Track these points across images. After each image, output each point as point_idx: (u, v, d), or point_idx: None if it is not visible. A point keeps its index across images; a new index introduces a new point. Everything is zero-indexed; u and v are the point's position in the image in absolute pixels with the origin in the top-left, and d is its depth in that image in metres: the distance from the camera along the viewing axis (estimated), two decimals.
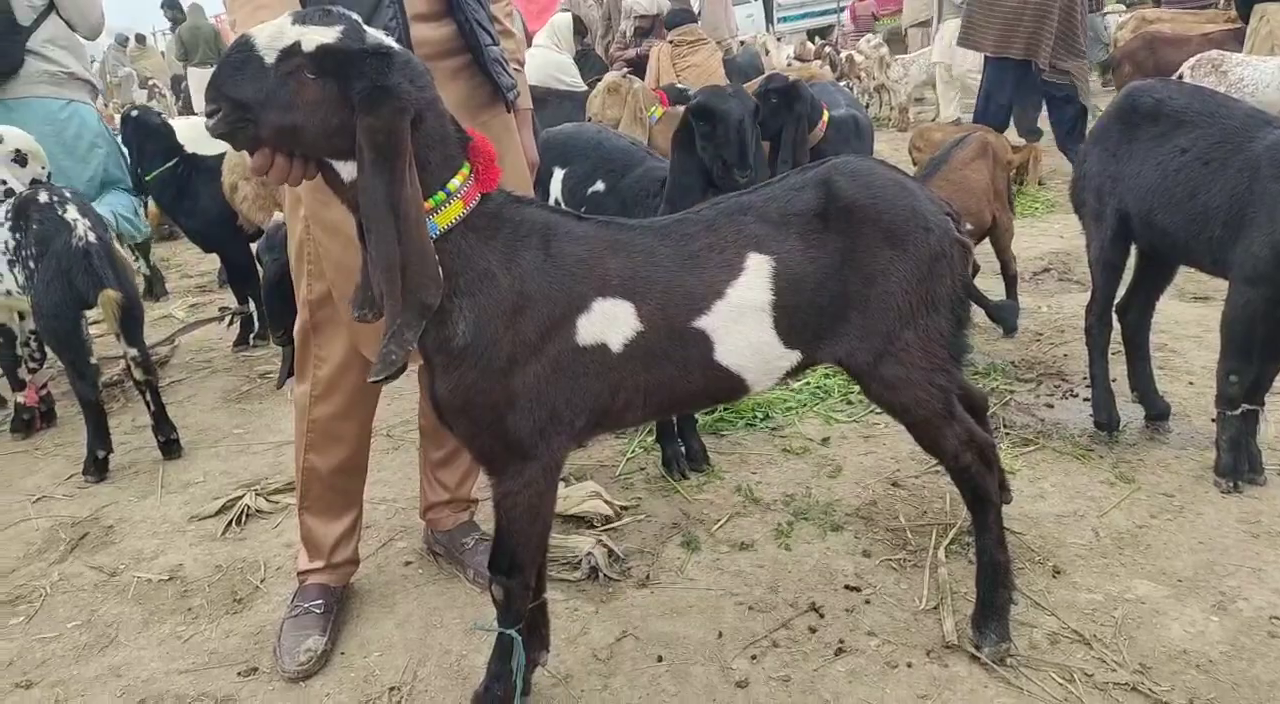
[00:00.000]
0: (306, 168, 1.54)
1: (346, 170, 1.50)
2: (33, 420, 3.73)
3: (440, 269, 1.50)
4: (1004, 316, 2.14)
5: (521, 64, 2.37)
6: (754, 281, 1.73)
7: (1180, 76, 5.66)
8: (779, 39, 15.28)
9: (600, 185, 2.86)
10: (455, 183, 1.54)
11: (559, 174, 2.93)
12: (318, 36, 1.38)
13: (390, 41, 1.45)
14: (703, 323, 1.72)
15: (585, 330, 1.67)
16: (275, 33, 1.39)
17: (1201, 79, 5.57)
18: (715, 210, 1.81)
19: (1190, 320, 3.79)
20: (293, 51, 1.38)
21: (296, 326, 2.19)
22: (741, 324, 1.74)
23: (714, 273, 1.73)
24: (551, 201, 2.94)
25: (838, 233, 1.77)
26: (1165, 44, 8.09)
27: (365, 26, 1.44)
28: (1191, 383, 3.22)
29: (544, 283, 1.64)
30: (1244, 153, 2.28)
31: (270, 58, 1.39)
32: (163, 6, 12.56)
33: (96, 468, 3.27)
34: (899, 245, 1.77)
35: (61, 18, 4.26)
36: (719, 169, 2.70)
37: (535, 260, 1.64)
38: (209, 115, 1.43)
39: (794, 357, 1.82)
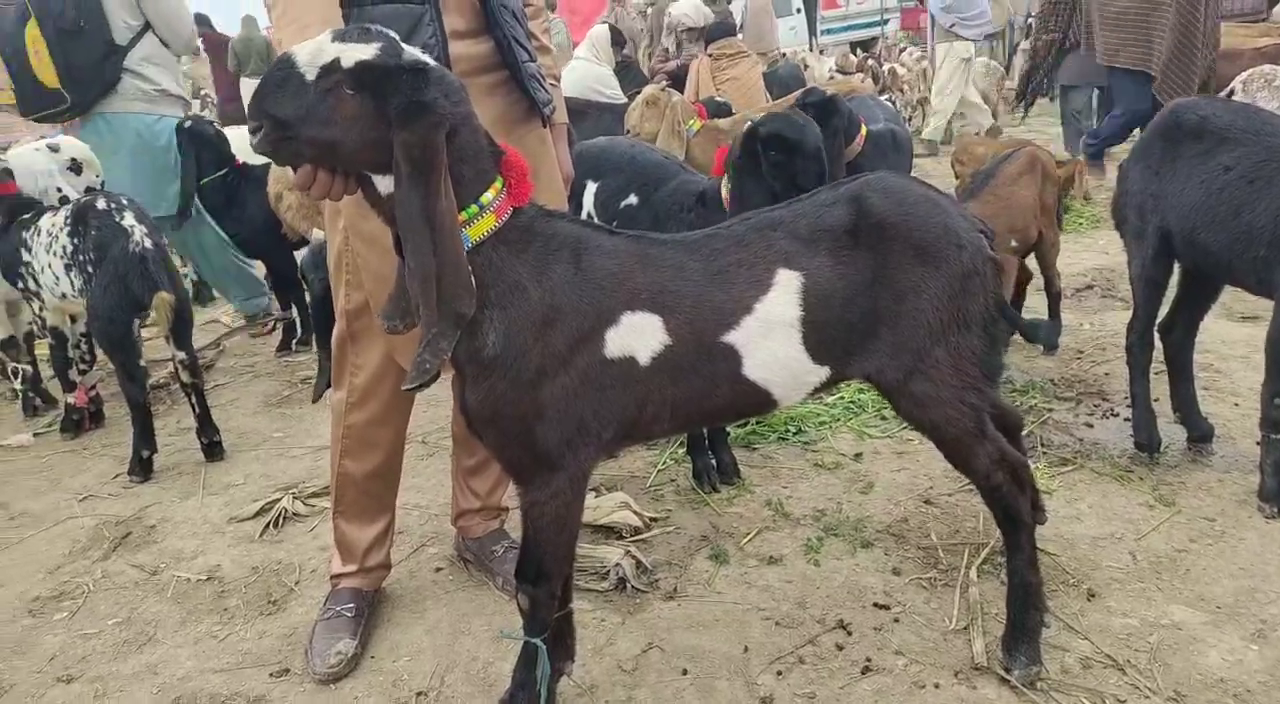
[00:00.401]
0: (347, 183, 1.58)
1: (384, 184, 1.53)
2: (82, 421, 3.83)
3: (473, 280, 1.52)
4: (1039, 335, 2.12)
5: (558, 79, 2.40)
6: (783, 297, 1.73)
7: (1232, 91, 5.55)
8: (821, 52, 15.26)
9: (633, 199, 2.87)
10: (488, 196, 1.57)
11: (592, 187, 2.95)
12: (356, 53, 1.41)
13: (426, 58, 1.48)
14: (731, 338, 1.73)
15: (613, 343, 1.68)
16: (315, 50, 1.43)
17: (1254, 94, 5.45)
18: (745, 226, 1.82)
19: (1238, 340, 3.72)
20: (332, 68, 1.41)
21: (334, 335, 2.24)
22: (769, 339, 1.74)
23: (743, 288, 1.74)
24: (584, 215, 2.96)
25: (869, 249, 1.76)
26: (1219, 58, 7.94)
27: (402, 44, 1.47)
28: (1237, 404, 3.15)
29: (573, 296, 1.66)
30: None
31: (311, 74, 1.42)
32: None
33: (141, 468, 3.35)
34: (930, 262, 1.76)
35: (156, 36, 4.43)
36: (793, 195, 2.68)
37: (565, 274, 1.66)
38: (252, 132, 1.47)
39: (823, 372, 1.82)
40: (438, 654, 2.21)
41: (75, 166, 3.45)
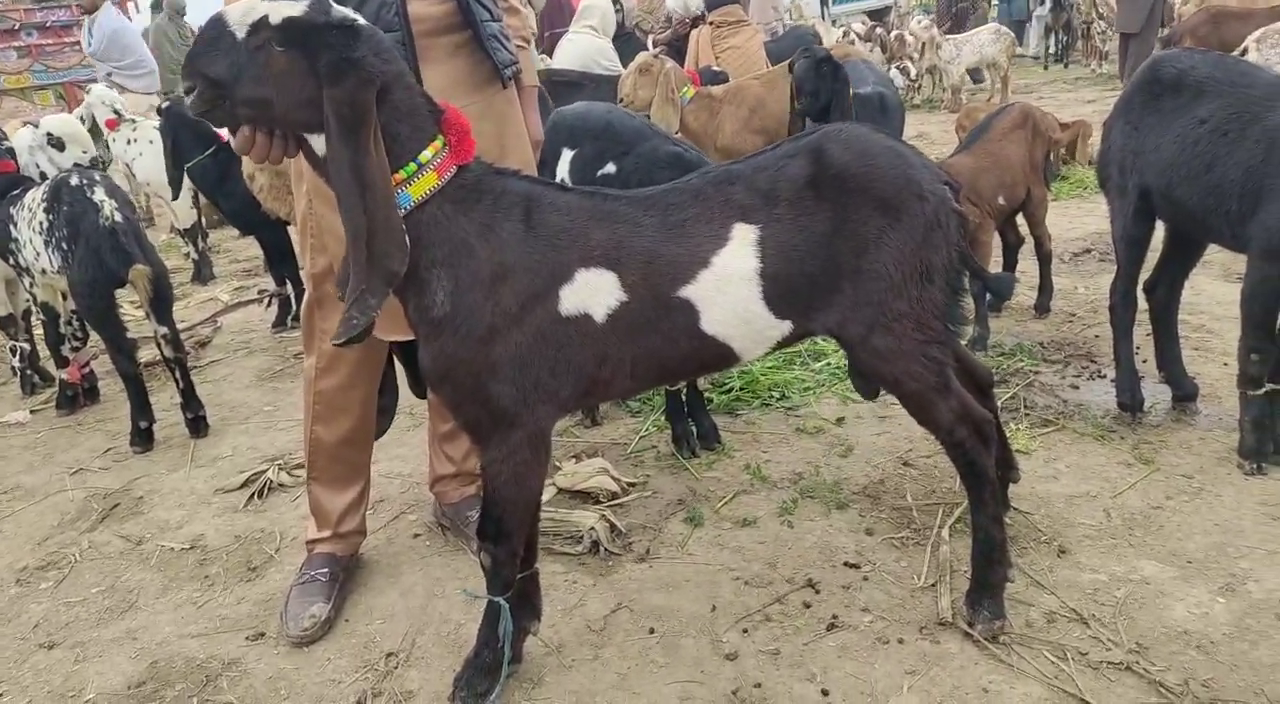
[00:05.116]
0: (286, 145, 1.58)
1: (320, 144, 1.53)
2: (76, 397, 3.87)
3: (408, 238, 1.52)
4: (1000, 288, 2.09)
5: (527, 41, 2.37)
6: (740, 251, 1.72)
7: (1245, 51, 5.48)
8: (833, 23, 15.09)
9: (611, 167, 2.85)
10: (426, 154, 1.56)
11: (567, 155, 2.92)
12: (284, 10, 1.42)
13: (356, 16, 1.48)
14: (687, 292, 1.72)
15: (568, 300, 1.68)
16: (246, 8, 1.43)
17: (1268, 51, 5.37)
18: (704, 180, 1.81)
19: (1232, 301, 3.60)
20: (261, 25, 1.42)
21: (303, 301, 2.25)
22: (727, 294, 1.73)
23: (699, 242, 1.73)
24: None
25: (829, 201, 1.74)
26: (1230, 18, 7.80)
27: (333, 3, 1.46)
28: (1226, 364, 3.11)
29: (524, 253, 1.65)
30: (1261, 123, 2.19)
31: (241, 33, 1.43)
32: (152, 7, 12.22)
33: (141, 438, 3.40)
34: (892, 214, 1.74)
35: None
36: None
37: (516, 231, 1.66)
38: (186, 92, 1.48)
39: (784, 327, 1.81)
40: (410, 617, 2.23)
41: (56, 142, 3.47)
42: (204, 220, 6.05)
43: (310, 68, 1.43)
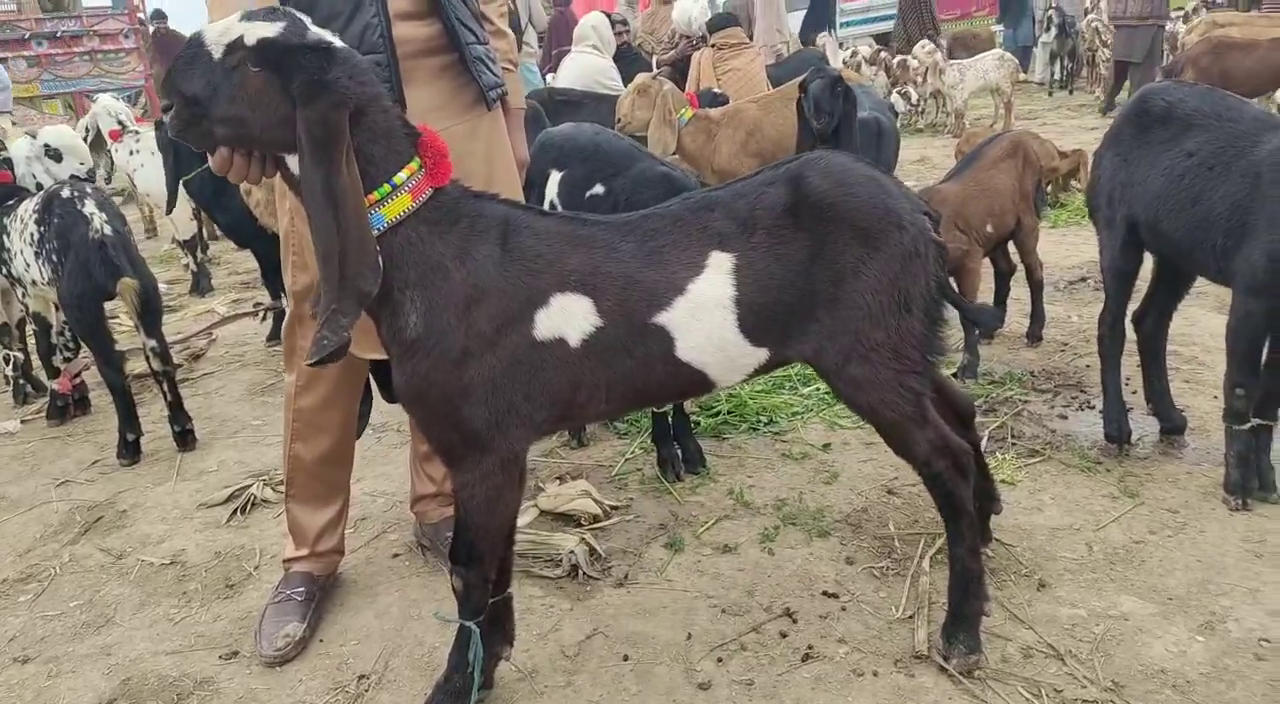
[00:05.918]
0: (265, 166, 1.59)
1: (296, 164, 1.53)
2: (67, 407, 3.87)
3: (380, 259, 1.52)
4: (982, 320, 2.08)
5: (514, 64, 2.38)
6: (716, 278, 1.72)
7: None
8: (841, 44, 15.17)
9: (600, 188, 2.85)
10: (402, 176, 1.57)
11: (555, 176, 2.92)
12: (260, 31, 1.43)
13: (332, 38, 1.49)
14: (662, 319, 1.72)
15: (543, 325, 1.68)
16: (223, 29, 1.45)
17: None
18: (683, 206, 1.81)
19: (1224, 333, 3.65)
20: (237, 45, 1.43)
21: (285, 318, 2.25)
22: (702, 321, 1.73)
23: (675, 269, 1.72)
24: (546, 204, 2.94)
25: (807, 230, 1.74)
26: (1232, 49, 7.86)
27: (310, 24, 1.47)
28: (1216, 397, 3.07)
29: (499, 276, 1.65)
30: (1247, 158, 2.19)
31: (217, 52, 1.44)
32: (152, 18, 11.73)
33: (128, 450, 3.39)
34: (870, 243, 1.74)
35: None
36: None
37: (491, 254, 1.66)
38: (164, 111, 1.48)
39: (761, 354, 1.80)
40: (385, 638, 2.22)
41: (54, 154, 3.49)
42: (204, 232, 6.06)
43: (284, 88, 1.44)
